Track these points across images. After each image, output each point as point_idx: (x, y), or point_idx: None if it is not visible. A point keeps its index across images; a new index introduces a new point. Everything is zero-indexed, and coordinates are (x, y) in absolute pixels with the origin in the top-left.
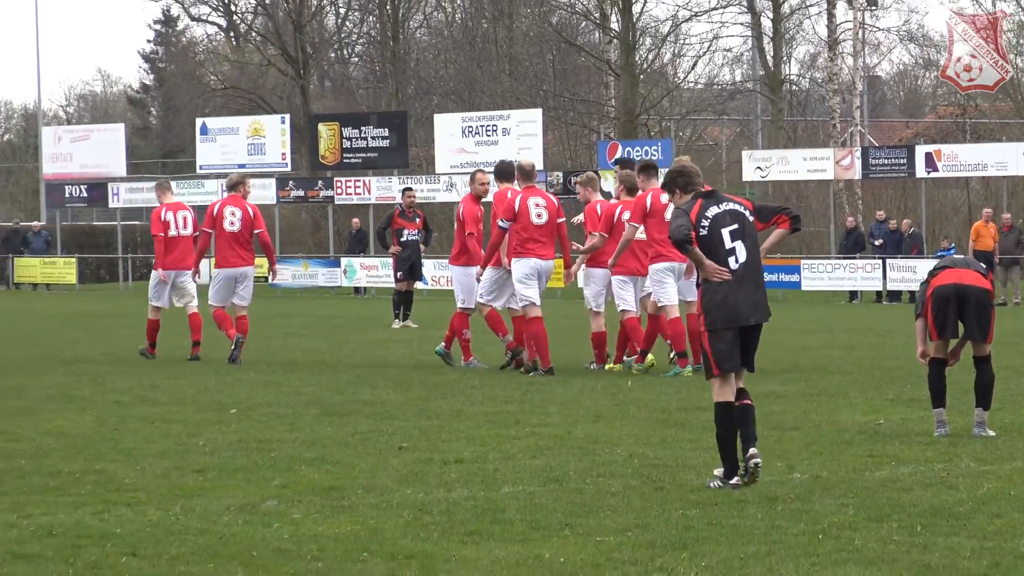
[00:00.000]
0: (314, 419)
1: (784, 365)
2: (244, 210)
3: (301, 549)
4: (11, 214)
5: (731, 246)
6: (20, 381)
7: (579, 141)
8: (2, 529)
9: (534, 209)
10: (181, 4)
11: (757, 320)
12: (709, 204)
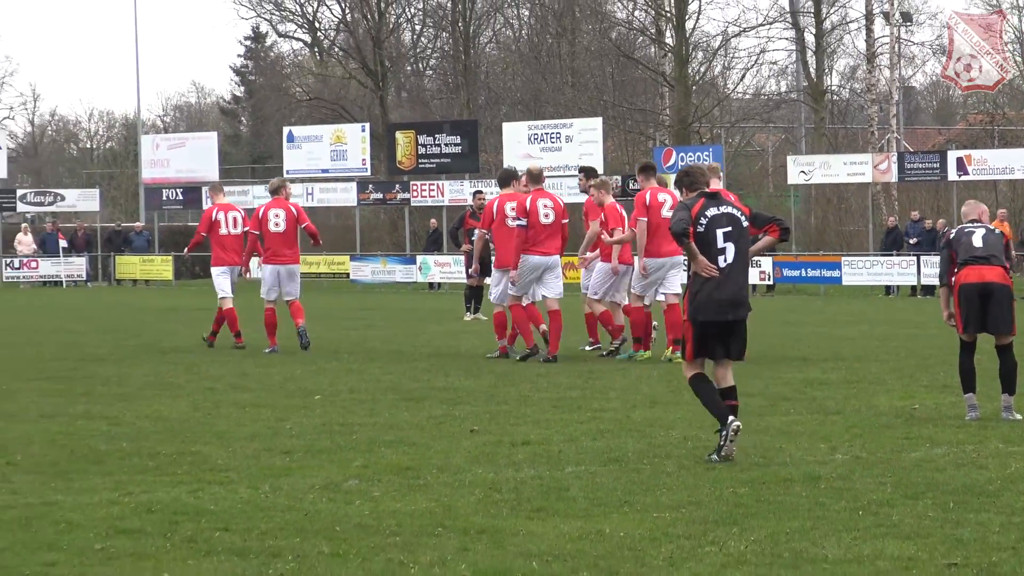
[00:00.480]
0: (392, 404)
1: (826, 354)
2: (288, 211)
3: (380, 524)
4: (113, 216)
5: (722, 246)
6: (121, 370)
7: (636, 147)
8: (105, 506)
9: (542, 209)
10: (269, 22)
11: (735, 317)
12: (710, 204)
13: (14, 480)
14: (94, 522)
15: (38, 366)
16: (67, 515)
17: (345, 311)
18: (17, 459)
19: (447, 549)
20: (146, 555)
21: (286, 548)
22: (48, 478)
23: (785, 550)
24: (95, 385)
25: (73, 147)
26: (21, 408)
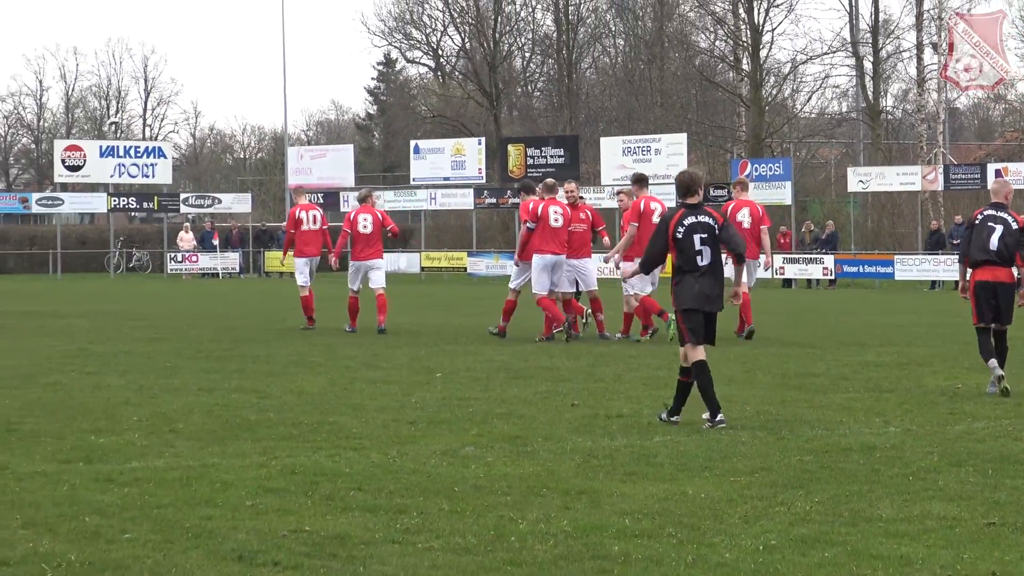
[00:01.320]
0: (503, 381)
1: (880, 340)
2: (374, 216)
3: (493, 486)
4: (262, 217)
5: (699, 249)
6: (269, 350)
7: (716, 159)
8: (255, 468)
9: (552, 215)
10: (399, 49)
11: (711, 310)
12: (688, 215)
13: (176, 445)
14: (245, 482)
15: (198, 346)
16: (222, 476)
17: (463, 300)
18: (179, 427)
19: (551, 507)
20: (290, 511)
21: (411, 505)
22: (206, 443)
23: (845, 510)
24: (246, 363)
25: (228, 157)
26: (183, 383)
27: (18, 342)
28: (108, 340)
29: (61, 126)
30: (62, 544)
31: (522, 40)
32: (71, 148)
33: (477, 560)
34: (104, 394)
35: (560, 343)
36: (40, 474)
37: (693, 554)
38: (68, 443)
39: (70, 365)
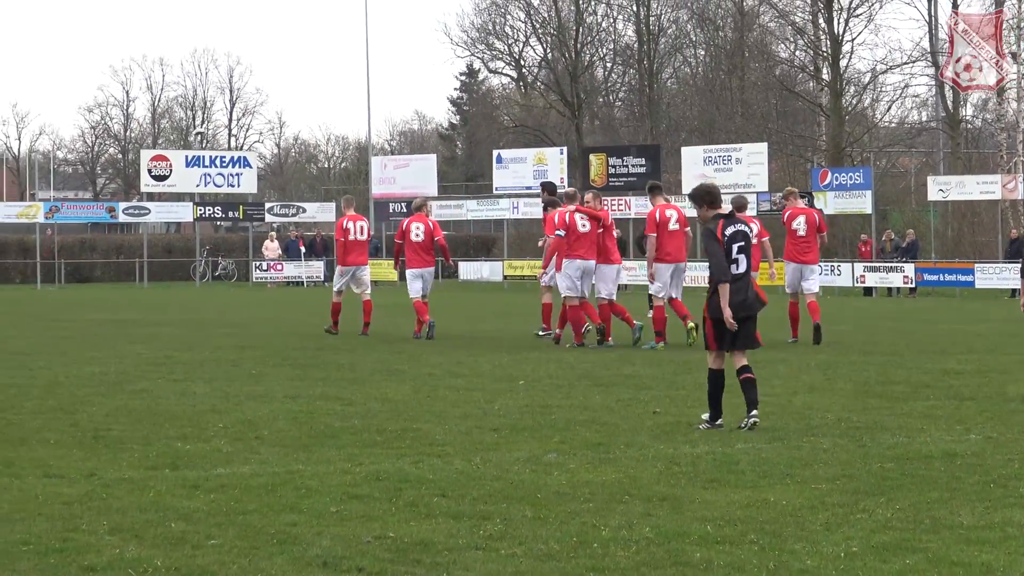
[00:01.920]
0: (585, 389)
1: (961, 348)
2: (426, 225)
3: (576, 492)
4: None
5: (736, 257)
6: (353, 358)
7: (796, 168)
8: (339, 475)
9: (579, 221)
10: (482, 60)
11: (745, 314)
12: (728, 224)
13: (261, 452)
14: (329, 488)
15: (283, 354)
16: (306, 482)
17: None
18: (264, 434)
19: (633, 514)
20: (374, 517)
21: (495, 512)
22: (290, 450)
23: (926, 517)
24: (331, 371)
25: (313, 167)
26: (268, 390)
27: (105, 350)
28: (194, 348)
29: (147, 136)
30: (148, 550)
31: (603, 51)
32: (157, 158)
33: (560, 566)
34: (190, 401)
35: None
36: (127, 480)
37: (775, 561)
38: (154, 449)
39: (156, 372)
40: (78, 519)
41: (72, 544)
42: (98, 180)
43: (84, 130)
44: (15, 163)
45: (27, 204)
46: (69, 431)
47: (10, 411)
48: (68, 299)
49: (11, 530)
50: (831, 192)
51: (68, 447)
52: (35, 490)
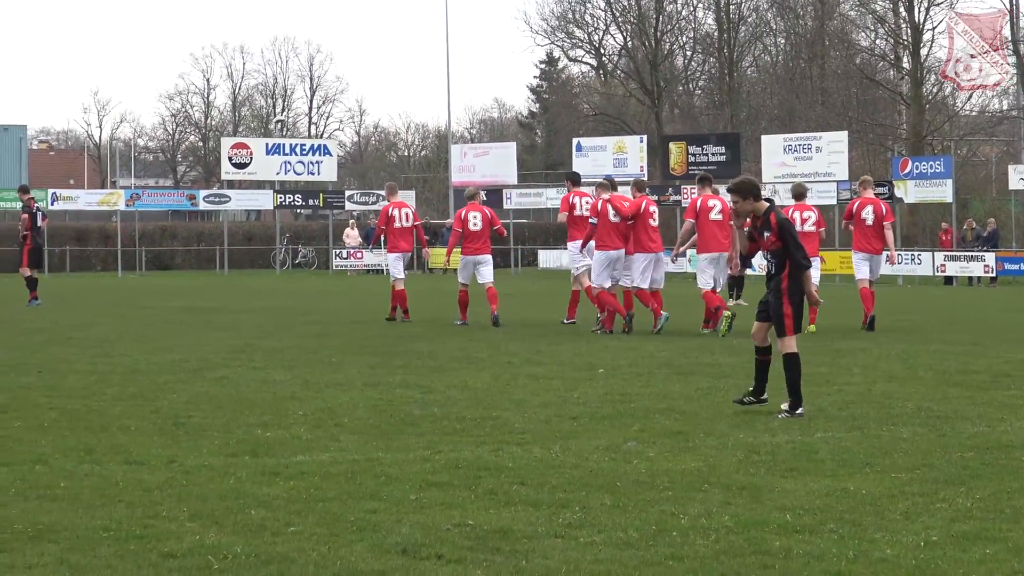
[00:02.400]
0: (665, 377)
1: None
2: (483, 213)
3: (655, 481)
4: (426, 214)
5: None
6: (433, 346)
7: (876, 157)
8: (419, 462)
9: (610, 211)
10: (561, 48)
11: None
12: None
13: (342, 440)
14: (409, 476)
15: (362, 342)
16: (386, 470)
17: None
18: (344, 421)
19: (712, 503)
20: (454, 505)
21: (573, 500)
22: (370, 438)
23: (1006, 507)
24: (411, 358)
25: (393, 155)
26: (348, 378)
27: (186, 337)
28: (274, 335)
29: (228, 124)
30: (228, 536)
31: (683, 39)
32: (238, 146)
33: (639, 554)
34: (270, 389)
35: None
36: (207, 467)
37: (854, 550)
38: (234, 437)
39: (237, 360)
40: (158, 506)
41: (152, 530)
42: (179, 168)
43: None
44: (96, 151)
45: (108, 192)
46: (150, 418)
47: (91, 398)
48: (149, 286)
49: (92, 516)
50: (911, 181)
51: (148, 434)
52: (116, 477)
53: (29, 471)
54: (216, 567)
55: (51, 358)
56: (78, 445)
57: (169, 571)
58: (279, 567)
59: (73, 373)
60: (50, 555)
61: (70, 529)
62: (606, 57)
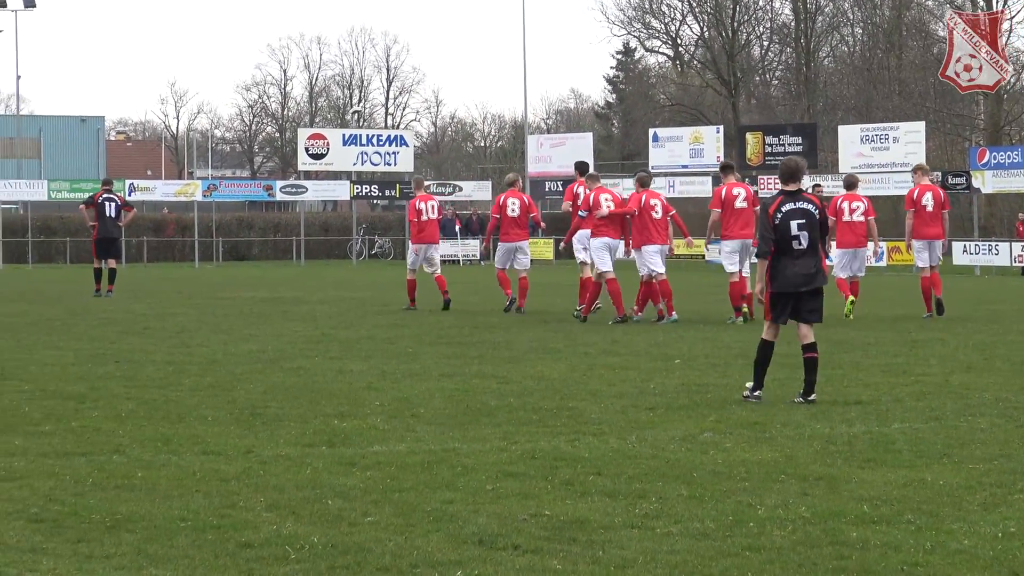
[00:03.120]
0: (741, 368)
1: None
2: (521, 200)
3: (731, 471)
4: None
5: (796, 234)
6: (509, 336)
7: (954, 148)
8: (495, 452)
9: (604, 202)
10: (638, 39)
11: (807, 288)
12: (786, 201)
13: (418, 430)
14: (485, 466)
15: (438, 332)
16: (463, 460)
17: (704, 287)
18: (420, 411)
19: (789, 493)
20: (530, 495)
21: (650, 491)
22: (447, 428)
23: None
24: (487, 349)
25: (469, 145)
26: (424, 368)
27: (262, 327)
28: (351, 326)
29: (304, 115)
30: (305, 527)
31: (760, 29)
32: (314, 136)
33: (716, 545)
34: (347, 379)
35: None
36: (284, 457)
37: (931, 540)
38: (311, 427)
39: (314, 350)
40: (235, 495)
41: (229, 520)
42: (255, 158)
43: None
44: (174, 142)
45: (185, 182)
46: (226, 408)
47: (168, 388)
48: (225, 277)
49: (169, 506)
50: (989, 171)
51: (225, 424)
52: (193, 467)
53: (107, 461)
54: (293, 557)
55: (129, 348)
56: (155, 435)
57: (247, 561)
58: (356, 557)
59: (151, 363)
60: (128, 545)
61: (147, 519)
62: (683, 47)
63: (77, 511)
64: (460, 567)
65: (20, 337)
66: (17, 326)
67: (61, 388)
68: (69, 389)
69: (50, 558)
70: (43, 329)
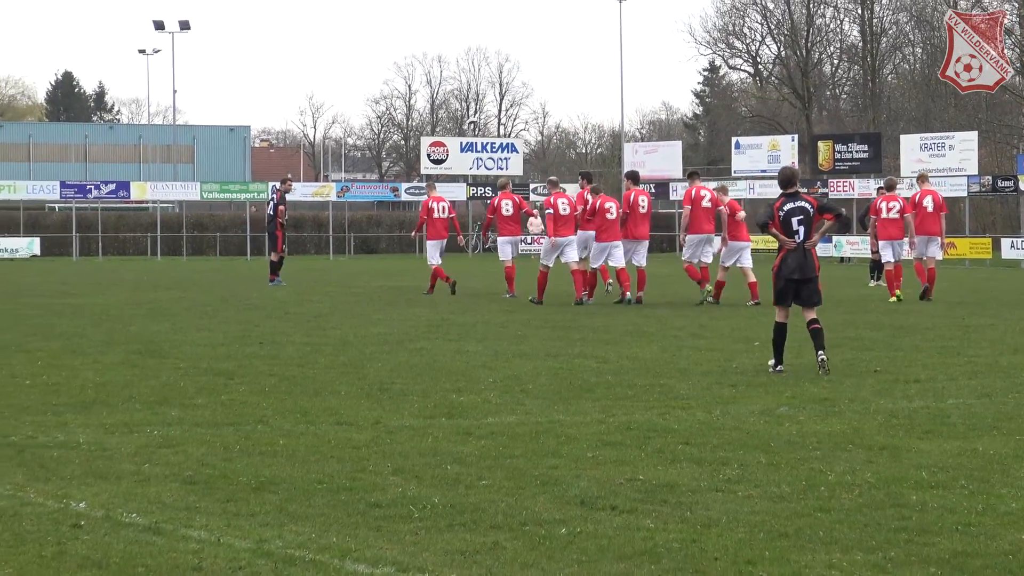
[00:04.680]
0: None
1: None
2: (513, 200)
3: (805, 441)
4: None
5: (796, 229)
6: (607, 321)
7: (1003, 155)
8: (595, 424)
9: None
10: (722, 57)
11: (802, 276)
12: (788, 201)
13: (526, 403)
14: (586, 436)
15: (544, 318)
16: (566, 431)
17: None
18: (528, 387)
19: (856, 461)
20: (626, 462)
21: (732, 458)
22: (552, 402)
23: None
24: (587, 332)
25: (572, 152)
26: (532, 349)
27: (389, 313)
28: (467, 312)
29: (426, 124)
30: (427, 489)
31: (831, 49)
32: (435, 144)
33: (791, 507)
34: (464, 358)
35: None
36: (408, 428)
37: (983, 503)
38: (432, 401)
39: (434, 333)
40: (365, 461)
41: (360, 483)
42: (383, 163)
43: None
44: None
45: (321, 184)
46: (357, 384)
47: (306, 366)
48: (357, 268)
49: (307, 471)
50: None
51: (356, 398)
52: (328, 436)
53: (252, 430)
54: (416, 516)
55: (271, 331)
56: (295, 408)
57: (375, 519)
58: (472, 516)
59: (290, 344)
60: (270, 504)
61: (288, 482)
62: (762, 65)
63: (226, 474)
64: (564, 525)
65: (176, 321)
66: (174, 311)
67: (212, 366)
68: (219, 366)
69: (202, 516)
70: (196, 314)
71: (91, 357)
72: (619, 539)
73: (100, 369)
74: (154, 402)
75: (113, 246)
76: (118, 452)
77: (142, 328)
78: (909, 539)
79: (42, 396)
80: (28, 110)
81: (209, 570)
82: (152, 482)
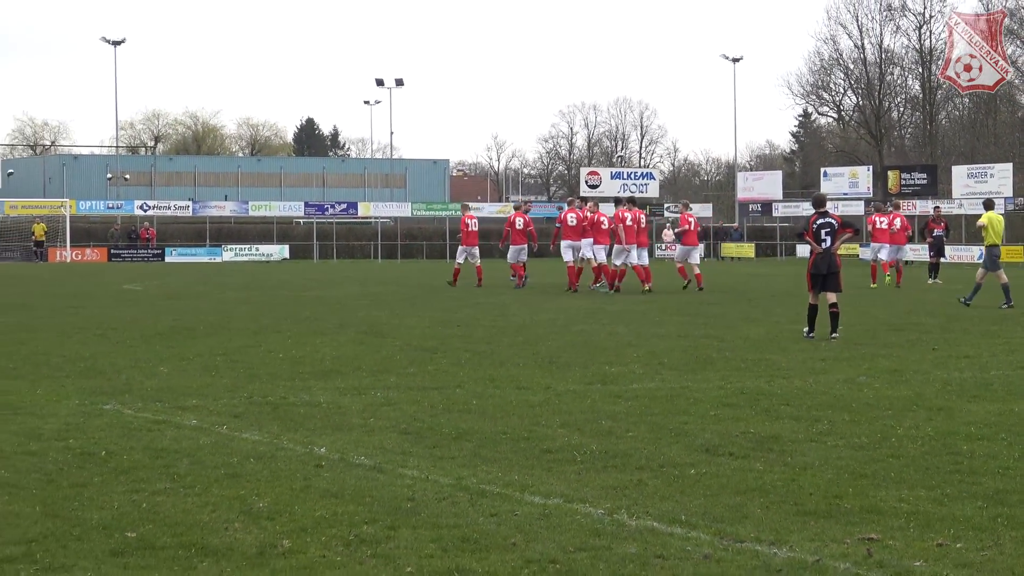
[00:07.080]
0: (885, 332)
1: None
2: (524, 219)
3: (879, 403)
4: (719, 219)
5: (823, 238)
6: (723, 310)
7: None
8: (716, 390)
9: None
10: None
11: (827, 271)
12: (819, 217)
13: (663, 373)
14: (709, 399)
15: (677, 307)
16: (693, 394)
17: (860, 279)
18: (664, 361)
19: (919, 419)
20: (740, 419)
21: (823, 416)
22: (682, 372)
23: None
24: (708, 318)
25: (696, 179)
26: (667, 331)
27: (556, 303)
28: (616, 302)
29: (584, 158)
30: (586, 439)
31: (898, 99)
32: (591, 173)
33: (868, 454)
34: (614, 339)
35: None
36: (571, 392)
37: (1019, 451)
38: (590, 371)
39: (591, 319)
40: (539, 417)
41: (535, 434)
42: (551, 188)
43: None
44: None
45: (502, 204)
46: (532, 358)
47: (492, 343)
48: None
49: (494, 424)
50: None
51: (531, 368)
52: (510, 397)
53: (452, 393)
54: (579, 459)
55: (465, 317)
56: (484, 376)
57: (547, 462)
58: (621, 460)
59: (480, 327)
60: (467, 450)
61: (479, 433)
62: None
63: (432, 427)
64: (693, 467)
65: (393, 308)
66: (391, 301)
67: (420, 343)
68: (426, 344)
69: (414, 458)
70: (407, 303)
71: (328, 336)
72: (735, 478)
73: (335, 345)
74: (377, 371)
75: (344, 251)
76: (349, 409)
77: (367, 314)
78: (961, 479)
79: (291, 366)
80: (280, 147)
81: (420, 500)
82: (376, 432)
